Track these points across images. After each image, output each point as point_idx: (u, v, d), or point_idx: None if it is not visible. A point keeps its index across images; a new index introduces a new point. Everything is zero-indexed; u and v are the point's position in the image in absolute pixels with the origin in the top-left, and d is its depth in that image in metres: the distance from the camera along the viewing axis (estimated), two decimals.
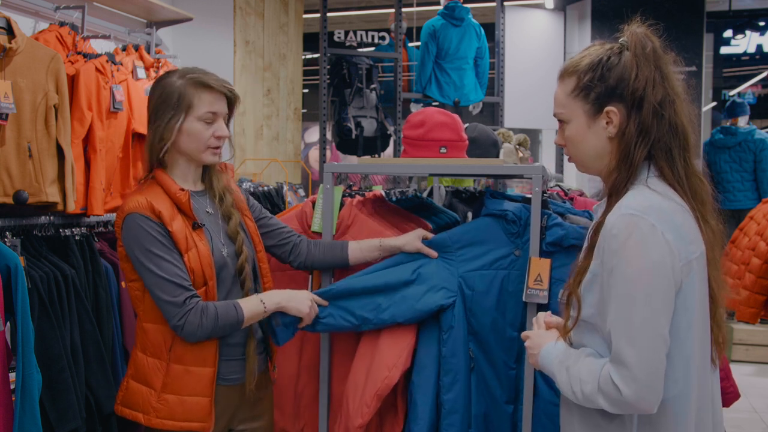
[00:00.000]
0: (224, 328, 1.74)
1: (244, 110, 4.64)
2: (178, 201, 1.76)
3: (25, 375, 1.90)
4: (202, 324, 1.70)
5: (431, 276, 1.95)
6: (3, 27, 2.33)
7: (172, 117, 1.77)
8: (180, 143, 1.80)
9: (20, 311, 1.92)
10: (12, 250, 1.99)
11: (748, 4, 7.72)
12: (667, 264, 1.27)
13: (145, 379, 1.78)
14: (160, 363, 1.77)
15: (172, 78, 1.80)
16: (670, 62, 1.41)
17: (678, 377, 1.30)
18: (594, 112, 1.40)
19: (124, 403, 1.81)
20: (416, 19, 6.37)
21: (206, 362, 1.76)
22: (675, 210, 1.32)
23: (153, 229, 1.71)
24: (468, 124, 2.97)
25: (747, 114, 6.20)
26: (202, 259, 1.75)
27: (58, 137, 2.47)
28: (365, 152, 4.90)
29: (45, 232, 2.54)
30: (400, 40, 5.11)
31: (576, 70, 1.42)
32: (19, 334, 1.91)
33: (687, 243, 1.30)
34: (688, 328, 1.31)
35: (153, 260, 1.70)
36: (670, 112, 1.36)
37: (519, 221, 1.94)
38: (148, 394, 1.76)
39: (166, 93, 1.78)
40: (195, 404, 1.75)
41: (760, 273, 4.58)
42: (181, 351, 1.76)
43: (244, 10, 4.67)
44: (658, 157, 1.36)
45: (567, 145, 1.47)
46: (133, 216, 1.72)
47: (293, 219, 2.22)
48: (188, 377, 1.75)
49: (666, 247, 1.27)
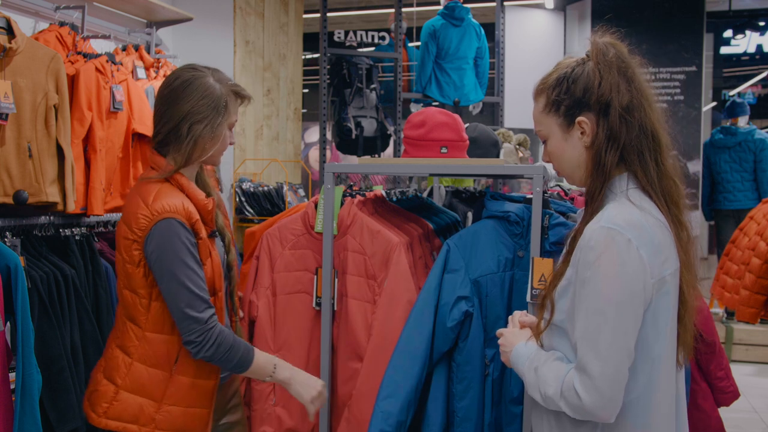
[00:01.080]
0: (228, 361, 1.69)
1: (244, 110, 4.63)
2: (203, 209, 1.74)
3: (25, 375, 1.90)
4: (213, 347, 1.65)
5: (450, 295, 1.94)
6: (3, 27, 2.33)
7: (220, 123, 1.75)
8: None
9: (20, 311, 1.92)
10: (12, 250, 1.99)
11: (748, 4, 7.72)
12: (639, 281, 1.29)
13: (143, 390, 1.71)
14: (163, 374, 1.71)
15: (208, 80, 1.75)
16: (636, 66, 1.42)
17: (640, 383, 1.34)
18: (567, 125, 1.43)
19: (112, 416, 1.70)
20: (416, 19, 6.37)
21: (211, 375, 1.76)
22: (654, 225, 1.34)
23: (188, 239, 1.66)
24: (468, 124, 2.96)
25: (747, 114, 6.20)
26: (215, 269, 1.75)
27: (58, 137, 2.47)
28: (365, 152, 4.90)
29: (45, 232, 2.54)
30: (400, 40, 5.11)
31: (545, 87, 1.47)
32: (19, 334, 1.91)
33: (662, 260, 1.33)
34: (655, 340, 1.34)
35: (185, 273, 1.63)
36: (639, 115, 1.38)
37: (522, 222, 1.94)
38: (146, 406, 1.70)
39: (211, 96, 1.74)
40: (196, 415, 1.74)
41: (760, 273, 4.57)
42: (188, 363, 1.72)
43: (244, 10, 4.67)
44: (631, 162, 1.38)
45: (551, 159, 1.51)
46: (170, 222, 1.64)
47: (298, 221, 2.22)
48: (193, 390, 1.73)
49: (640, 263, 1.29)
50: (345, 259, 2.12)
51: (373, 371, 2.00)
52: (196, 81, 1.74)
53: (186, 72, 1.77)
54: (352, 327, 2.09)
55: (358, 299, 2.09)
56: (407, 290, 2.02)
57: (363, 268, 2.09)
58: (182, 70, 1.78)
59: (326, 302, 2.11)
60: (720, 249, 6.02)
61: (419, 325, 1.93)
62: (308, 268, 2.19)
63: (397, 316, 2.01)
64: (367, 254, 2.09)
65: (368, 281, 2.09)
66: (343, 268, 2.13)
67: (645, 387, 1.34)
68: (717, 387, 2.33)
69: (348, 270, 2.11)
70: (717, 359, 2.30)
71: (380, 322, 2.03)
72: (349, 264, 2.11)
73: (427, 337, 1.92)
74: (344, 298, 2.12)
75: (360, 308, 2.09)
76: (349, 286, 2.10)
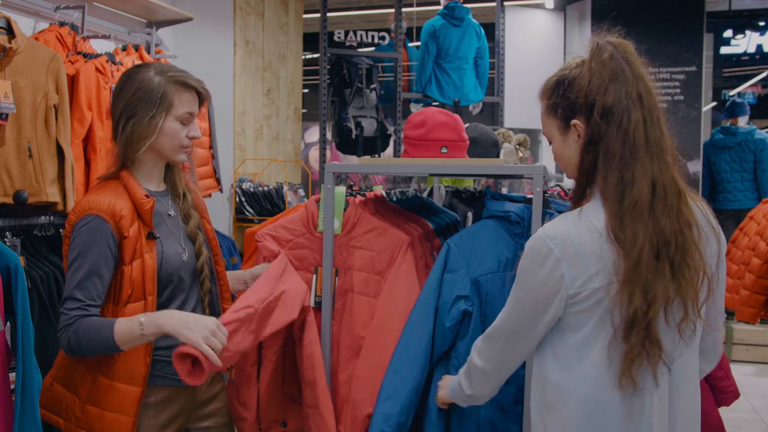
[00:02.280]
0: (98, 349, 1.61)
1: (244, 110, 4.64)
2: (140, 207, 1.71)
3: (25, 375, 1.90)
4: (71, 341, 1.61)
5: (450, 294, 1.94)
6: (3, 27, 2.33)
7: (153, 116, 1.71)
8: (156, 142, 1.75)
9: (20, 311, 1.91)
10: (12, 250, 1.99)
11: (748, 4, 7.72)
12: (550, 288, 1.35)
13: (72, 385, 1.71)
14: (87, 372, 1.70)
15: (148, 73, 1.73)
16: (637, 66, 1.37)
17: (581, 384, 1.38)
18: (564, 127, 1.44)
19: (45, 405, 1.74)
20: (416, 19, 6.37)
21: (134, 380, 1.69)
22: (584, 240, 1.33)
23: (106, 236, 1.64)
24: (468, 124, 2.96)
25: (747, 114, 6.20)
26: (146, 272, 1.69)
27: (58, 137, 2.47)
28: (365, 152, 4.90)
29: (45, 232, 2.54)
30: (400, 40, 5.11)
31: (546, 90, 1.47)
32: (19, 334, 1.90)
33: (586, 272, 1.32)
34: (582, 346, 1.37)
35: (77, 268, 1.62)
36: (621, 117, 1.33)
37: (522, 222, 1.94)
38: (72, 402, 1.70)
39: (145, 89, 1.72)
40: (115, 421, 1.68)
41: (760, 273, 4.58)
42: (109, 365, 1.69)
43: (244, 10, 4.67)
44: (600, 164, 1.35)
45: (556, 160, 1.52)
46: (88, 218, 1.64)
47: (297, 221, 2.22)
48: (112, 393, 1.68)
49: (554, 273, 1.34)
50: (351, 255, 2.13)
51: (372, 353, 2.01)
52: (132, 76, 1.74)
53: (131, 69, 1.78)
54: (357, 323, 2.09)
55: (365, 295, 2.10)
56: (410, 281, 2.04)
57: (371, 265, 2.10)
58: (129, 68, 1.79)
59: (326, 300, 2.11)
60: None
61: (419, 326, 1.93)
62: (308, 268, 2.19)
63: (400, 298, 2.02)
64: (375, 251, 2.10)
65: (375, 277, 2.09)
66: (348, 264, 2.13)
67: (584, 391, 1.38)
68: (717, 387, 2.34)
69: (355, 266, 2.12)
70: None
71: (382, 306, 2.04)
72: (356, 260, 2.12)
73: (428, 338, 1.92)
74: (349, 294, 2.12)
75: (366, 303, 2.09)
76: (356, 282, 2.11)
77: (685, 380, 1.39)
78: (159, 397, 1.76)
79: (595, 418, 1.36)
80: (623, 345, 1.31)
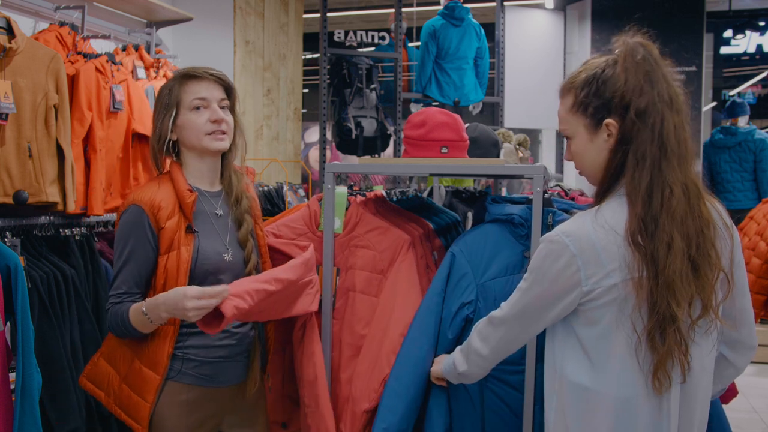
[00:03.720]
0: (129, 333, 1.73)
1: (244, 110, 4.64)
2: (182, 200, 1.77)
3: (25, 375, 1.89)
4: (110, 327, 1.75)
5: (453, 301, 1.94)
6: (3, 27, 2.33)
7: (165, 115, 1.81)
8: (183, 139, 1.83)
9: (20, 311, 1.91)
10: (12, 250, 1.99)
11: (748, 4, 7.72)
12: (563, 283, 1.38)
13: (115, 362, 1.80)
14: (129, 353, 1.79)
15: (168, 81, 1.85)
16: (665, 69, 1.39)
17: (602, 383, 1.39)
18: (594, 126, 1.42)
19: (90, 378, 1.84)
20: (416, 19, 6.37)
21: (156, 367, 1.75)
22: (599, 237, 1.35)
23: (143, 226, 1.73)
24: (468, 124, 2.96)
25: (747, 114, 6.20)
26: (180, 265, 1.74)
27: (58, 137, 2.47)
28: (365, 152, 4.90)
29: (45, 232, 2.54)
30: (400, 40, 5.11)
31: (573, 86, 1.45)
32: (19, 334, 1.90)
33: (602, 269, 1.34)
34: (594, 347, 1.39)
35: (121, 255, 1.73)
36: (652, 120, 1.35)
37: (526, 223, 1.92)
38: (113, 377, 1.80)
39: (160, 95, 1.84)
40: (135, 403, 1.76)
41: (760, 273, 4.57)
42: (143, 349, 1.77)
43: (244, 10, 4.66)
44: (629, 165, 1.36)
45: (574, 159, 1.50)
46: (130, 209, 1.74)
47: (300, 220, 2.22)
48: (140, 376, 1.76)
49: (569, 269, 1.36)
50: (352, 254, 2.13)
51: (372, 351, 2.02)
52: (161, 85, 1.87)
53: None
54: (359, 321, 2.09)
55: (367, 294, 2.10)
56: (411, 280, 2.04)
57: (372, 264, 2.10)
58: None
59: (327, 300, 2.11)
60: None
61: (422, 335, 1.92)
62: None
63: (401, 297, 2.03)
64: (377, 250, 2.10)
65: (377, 276, 2.09)
66: (350, 264, 2.13)
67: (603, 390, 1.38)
68: None
69: (357, 265, 2.12)
70: None
71: (384, 305, 2.04)
72: (357, 259, 2.12)
73: (430, 346, 1.91)
74: (351, 293, 2.12)
75: (368, 302, 2.09)
76: (358, 281, 2.11)
77: (702, 374, 1.41)
78: (191, 396, 1.78)
79: (626, 418, 1.36)
80: (653, 345, 1.33)
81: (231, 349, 1.84)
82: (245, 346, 1.88)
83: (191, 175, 1.84)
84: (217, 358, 1.81)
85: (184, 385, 1.77)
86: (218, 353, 1.81)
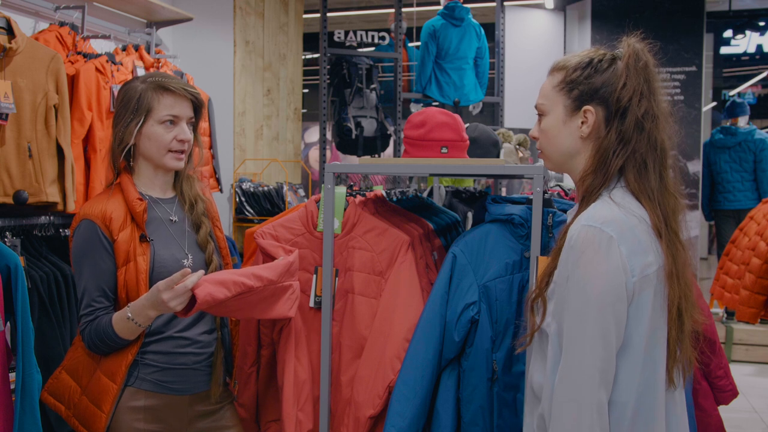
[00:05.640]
0: (114, 346, 1.71)
1: (244, 110, 4.64)
2: (132, 209, 1.74)
3: (25, 375, 1.89)
4: (90, 345, 1.72)
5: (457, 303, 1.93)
6: (3, 27, 2.33)
7: (131, 120, 1.76)
8: (142, 147, 1.79)
9: (20, 311, 1.91)
10: (12, 250, 1.99)
11: (748, 4, 7.72)
12: (620, 279, 1.28)
13: (77, 374, 1.78)
14: (91, 364, 1.76)
15: (134, 83, 1.80)
16: (659, 80, 1.42)
17: (624, 386, 1.32)
18: (573, 109, 1.43)
19: (51, 391, 1.82)
20: (416, 19, 6.37)
21: (114, 377, 1.73)
22: (634, 224, 1.33)
23: (99, 239, 1.71)
24: (468, 124, 2.96)
25: (747, 114, 6.20)
26: (138, 275, 1.72)
27: (58, 137, 2.47)
28: (365, 152, 4.90)
29: (45, 232, 2.54)
30: (400, 40, 5.11)
31: (565, 66, 1.46)
32: (19, 334, 1.90)
33: (644, 257, 1.31)
34: (640, 341, 1.31)
35: (81, 271, 1.71)
36: (651, 126, 1.37)
37: (527, 223, 1.92)
38: (74, 390, 1.77)
39: (127, 97, 1.77)
40: (93, 415, 1.72)
41: (760, 273, 4.58)
42: (104, 358, 1.75)
43: (244, 10, 4.67)
44: (628, 168, 1.38)
45: (540, 137, 1.50)
46: (82, 223, 1.72)
47: (296, 220, 2.22)
48: (98, 385, 1.73)
49: (620, 261, 1.29)
50: (351, 256, 2.12)
51: (374, 354, 2.01)
52: (123, 87, 1.81)
53: (126, 82, 1.84)
54: (358, 323, 2.09)
55: (366, 296, 2.09)
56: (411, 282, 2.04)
57: (370, 266, 2.10)
58: (126, 81, 1.86)
59: (326, 301, 2.11)
60: (720, 249, 6.02)
61: (428, 338, 1.91)
62: (307, 268, 2.19)
63: (401, 299, 2.02)
64: (375, 251, 2.09)
65: (375, 278, 2.09)
66: (348, 265, 2.13)
67: (624, 395, 1.33)
68: (716, 386, 2.34)
69: (355, 267, 2.11)
70: (717, 358, 2.30)
71: (384, 307, 2.04)
72: (355, 261, 2.11)
73: (436, 349, 1.91)
74: (350, 294, 2.12)
75: (367, 304, 2.09)
76: (356, 283, 2.10)
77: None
78: (149, 403, 1.75)
79: (645, 422, 1.34)
80: (669, 340, 1.34)
81: (193, 356, 1.81)
82: (208, 354, 1.86)
83: (142, 183, 1.82)
84: (177, 365, 1.79)
85: (142, 391, 1.75)
86: (179, 360, 1.79)
